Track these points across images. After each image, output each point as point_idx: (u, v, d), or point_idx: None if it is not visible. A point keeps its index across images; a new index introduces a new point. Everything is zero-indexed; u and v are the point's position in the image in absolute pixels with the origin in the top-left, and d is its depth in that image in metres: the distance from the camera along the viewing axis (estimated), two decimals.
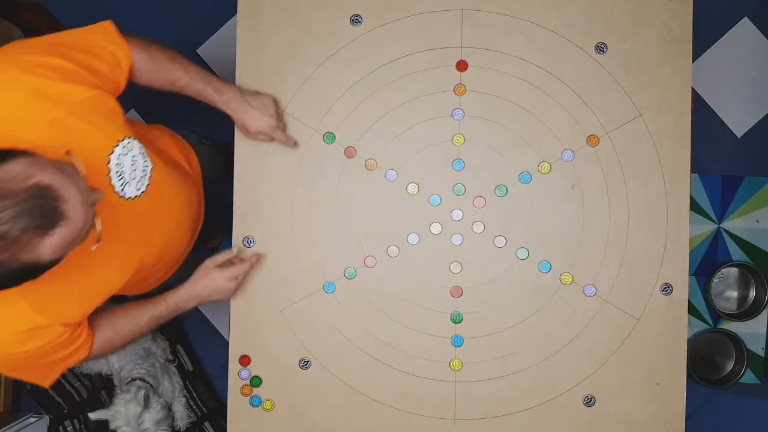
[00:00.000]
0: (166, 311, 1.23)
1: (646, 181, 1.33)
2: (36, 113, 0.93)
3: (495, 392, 1.34)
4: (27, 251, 0.78)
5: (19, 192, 0.77)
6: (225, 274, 1.25)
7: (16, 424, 2.08)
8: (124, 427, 1.81)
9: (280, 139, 1.30)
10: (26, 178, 0.78)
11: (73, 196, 0.81)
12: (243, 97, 1.24)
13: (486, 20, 1.34)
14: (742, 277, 2.12)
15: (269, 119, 1.27)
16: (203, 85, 1.20)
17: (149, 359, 1.99)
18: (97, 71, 1.02)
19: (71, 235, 0.82)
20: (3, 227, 0.76)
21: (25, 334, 0.97)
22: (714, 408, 2.12)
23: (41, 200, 0.78)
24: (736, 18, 2.13)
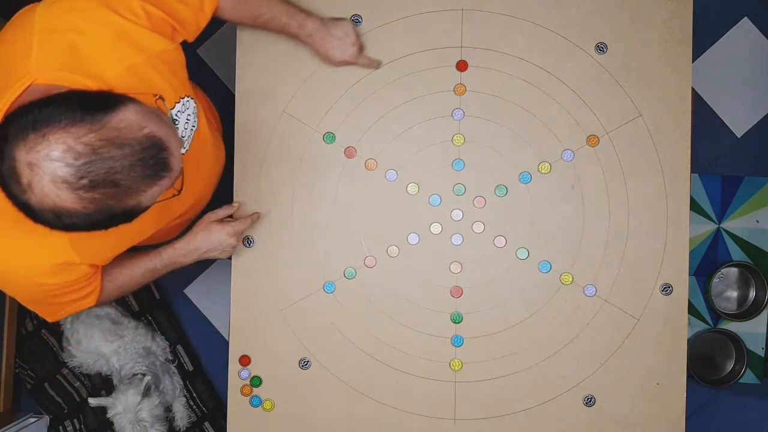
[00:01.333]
0: (161, 264, 1.21)
1: (646, 181, 1.33)
2: (118, 56, 0.94)
3: (495, 392, 1.34)
4: (132, 198, 0.81)
5: (135, 142, 0.79)
6: (226, 229, 1.23)
7: (16, 424, 2.08)
8: (122, 414, 1.82)
9: (364, 63, 1.32)
10: (140, 128, 0.80)
11: (175, 148, 0.84)
12: (325, 29, 1.26)
13: (486, 20, 1.34)
14: (742, 277, 2.12)
15: (352, 47, 1.29)
16: (287, 20, 1.23)
17: (149, 358, 1.99)
18: (180, 17, 1.04)
19: (170, 184, 0.85)
20: (119, 175, 0.78)
21: (57, 267, 0.98)
22: (714, 408, 2.12)
23: (154, 151, 0.80)
24: (736, 18, 2.13)
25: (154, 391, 1.88)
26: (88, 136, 0.76)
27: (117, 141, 0.77)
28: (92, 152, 0.76)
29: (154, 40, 0.99)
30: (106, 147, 0.77)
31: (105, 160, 0.77)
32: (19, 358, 2.16)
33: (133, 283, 1.21)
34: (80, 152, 0.76)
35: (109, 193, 0.78)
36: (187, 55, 1.21)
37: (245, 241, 1.34)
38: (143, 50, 0.97)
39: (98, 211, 0.79)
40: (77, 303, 1.11)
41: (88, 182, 0.76)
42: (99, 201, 0.78)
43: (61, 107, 0.77)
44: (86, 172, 0.76)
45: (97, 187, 0.77)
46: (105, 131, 0.77)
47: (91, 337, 1.95)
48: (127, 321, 2.03)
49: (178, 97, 1.04)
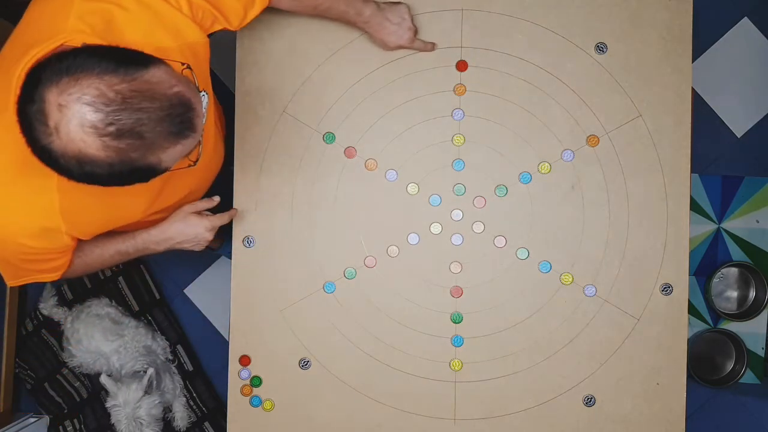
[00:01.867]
0: (133, 248, 1.19)
1: (646, 181, 1.33)
2: (152, 38, 0.95)
3: (495, 392, 1.34)
4: (155, 154, 0.81)
5: (165, 97, 0.79)
6: (204, 222, 1.19)
7: (16, 424, 2.08)
8: (120, 407, 1.82)
9: (419, 47, 1.32)
10: (171, 86, 0.80)
11: (200, 111, 0.85)
12: (382, 14, 1.27)
13: (486, 20, 1.34)
14: (742, 277, 2.12)
15: (408, 32, 1.29)
16: (345, 7, 1.24)
17: (149, 357, 1.99)
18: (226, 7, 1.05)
19: (192, 147, 0.85)
20: (146, 127, 0.78)
21: (43, 231, 0.97)
22: (714, 408, 2.12)
23: (182, 109, 0.81)
24: (736, 18, 2.13)
25: (156, 390, 1.88)
26: (121, 86, 0.77)
27: (148, 94, 0.78)
28: (123, 101, 0.77)
29: (190, 29, 1.00)
30: (137, 98, 0.77)
31: (134, 111, 0.77)
32: (19, 358, 2.16)
33: (101, 262, 1.19)
34: (111, 99, 0.76)
35: (134, 145, 0.78)
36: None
37: (245, 241, 1.34)
38: (177, 37, 0.99)
39: (121, 162, 0.79)
40: (43, 274, 1.09)
41: (115, 130, 0.76)
42: (123, 151, 0.78)
43: (97, 57, 0.78)
44: (115, 119, 0.76)
45: (123, 136, 0.77)
46: (137, 83, 0.78)
47: (91, 337, 1.95)
48: (128, 320, 2.03)
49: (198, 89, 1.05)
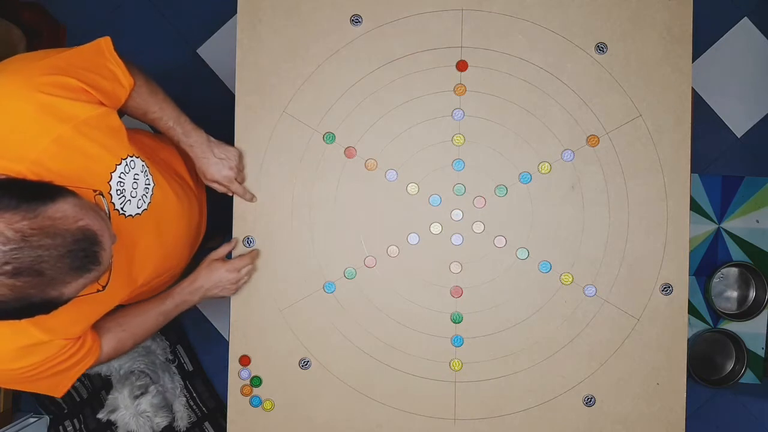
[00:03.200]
0: (172, 305, 1.24)
1: (646, 181, 1.33)
2: (42, 130, 0.92)
3: (495, 392, 1.34)
4: (56, 289, 0.79)
5: (68, 233, 0.78)
6: (226, 266, 1.27)
7: (16, 424, 2.09)
8: (123, 411, 1.83)
9: (237, 191, 1.31)
10: (76, 220, 0.79)
11: (107, 243, 0.83)
12: (208, 145, 1.25)
13: (486, 20, 1.34)
14: (742, 277, 2.12)
15: (228, 171, 1.27)
16: (173, 124, 1.20)
17: (149, 356, 1.99)
18: (101, 88, 1.02)
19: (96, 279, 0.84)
20: (45, 265, 0.76)
21: (24, 350, 0.96)
22: (714, 408, 2.12)
23: (85, 244, 0.80)
24: (736, 18, 2.13)
25: (151, 386, 1.89)
26: (21, 223, 0.75)
27: (50, 230, 0.77)
28: (22, 239, 0.75)
29: (78, 107, 0.96)
30: (37, 235, 0.76)
31: (34, 248, 0.75)
32: None
33: (146, 329, 1.22)
34: (9, 238, 0.74)
35: (32, 282, 0.76)
36: (188, 56, 1.21)
37: (245, 241, 1.34)
38: (69, 119, 0.95)
39: (15, 299, 0.77)
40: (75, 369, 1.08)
41: (11, 269, 0.75)
42: (19, 289, 0.76)
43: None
44: (11, 258, 0.74)
45: (21, 274, 0.75)
46: (39, 220, 0.76)
47: None
48: None
49: (118, 158, 1.02)
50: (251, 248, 1.34)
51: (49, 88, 0.94)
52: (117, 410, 1.84)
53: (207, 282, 1.26)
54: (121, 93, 1.08)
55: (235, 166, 1.29)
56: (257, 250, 1.33)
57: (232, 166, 1.28)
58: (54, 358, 1.01)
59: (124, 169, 1.03)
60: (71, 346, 1.03)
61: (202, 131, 1.26)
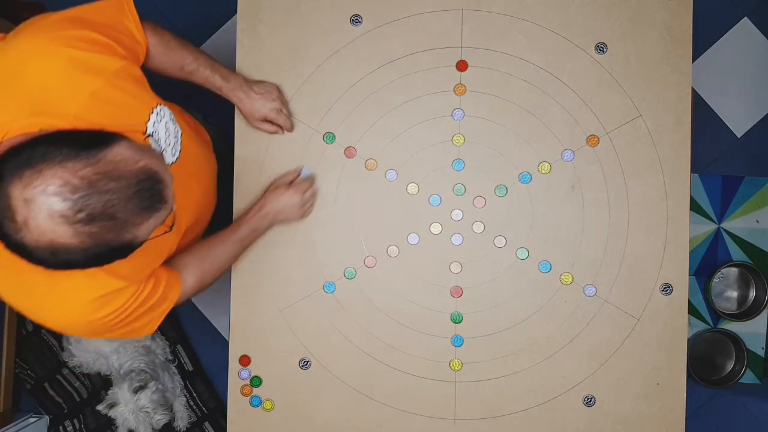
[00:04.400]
0: (247, 231, 1.26)
1: (646, 181, 1.33)
2: (78, 86, 0.93)
3: (495, 392, 1.34)
4: (129, 232, 0.80)
5: (131, 174, 0.79)
6: (291, 189, 1.29)
7: (16, 424, 2.09)
8: (123, 407, 1.82)
9: (285, 124, 1.33)
10: (136, 161, 0.80)
11: (169, 181, 0.84)
12: (248, 85, 1.29)
13: (486, 20, 1.34)
14: (742, 277, 2.12)
15: (273, 102, 1.30)
16: (210, 72, 1.23)
17: (149, 356, 1.99)
18: (121, 42, 1.03)
19: (165, 217, 0.85)
20: (116, 208, 0.77)
21: (101, 299, 0.97)
22: (714, 408, 2.12)
23: (150, 183, 0.81)
24: (736, 18, 2.13)
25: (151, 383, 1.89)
26: (85, 170, 0.76)
27: (113, 174, 0.77)
28: (89, 185, 0.76)
29: (107, 60, 0.97)
30: (102, 180, 0.76)
31: (102, 193, 0.76)
32: (19, 358, 2.17)
33: (227, 257, 1.24)
34: (77, 186, 0.75)
35: (107, 227, 0.78)
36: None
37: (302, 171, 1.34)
38: (100, 72, 0.96)
39: (96, 245, 0.78)
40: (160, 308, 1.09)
41: (85, 216, 0.76)
42: (97, 235, 0.77)
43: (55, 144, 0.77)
44: (83, 205, 0.75)
45: (95, 220, 0.76)
46: (101, 165, 0.77)
47: None
48: None
49: (149, 108, 1.03)
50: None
51: (76, 42, 0.95)
52: (116, 405, 1.83)
53: (274, 206, 1.28)
54: (138, 50, 1.09)
55: (278, 97, 1.32)
56: (314, 175, 1.35)
57: (275, 97, 1.31)
58: (131, 303, 1.02)
59: (156, 117, 1.04)
60: (143, 288, 1.04)
61: (239, 74, 1.29)
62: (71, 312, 0.97)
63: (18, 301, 0.96)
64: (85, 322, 0.98)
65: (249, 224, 1.26)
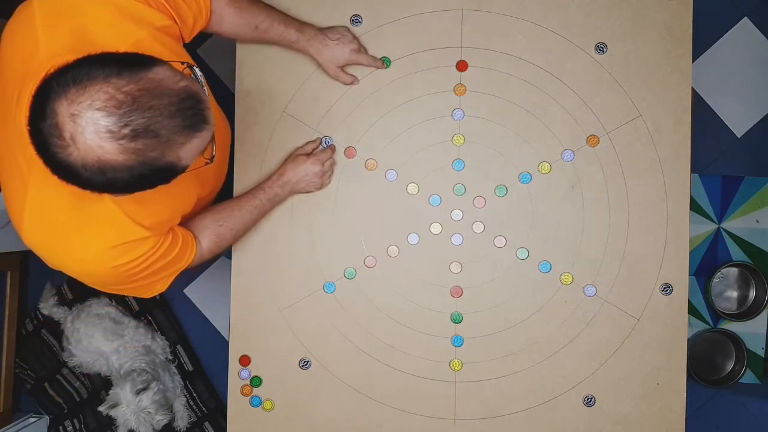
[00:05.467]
0: (265, 198, 1.27)
1: (646, 181, 1.33)
2: (123, 33, 0.95)
3: (495, 392, 1.34)
4: (173, 151, 0.81)
5: (173, 92, 0.80)
6: (311, 159, 1.29)
7: (16, 424, 2.09)
8: (124, 407, 1.82)
9: (366, 61, 1.33)
10: (177, 81, 0.81)
11: (209, 104, 0.85)
12: (322, 33, 1.29)
13: (486, 20, 1.34)
14: (742, 277, 2.12)
15: (351, 44, 1.30)
16: (285, 27, 1.25)
17: (149, 356, 1.99)
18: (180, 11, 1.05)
19: (207, 140, 0.85)
20: (159, 124, 0.78)
21: (125, 246, 0.98)
22: (714, 408, 2.12)
23: (192, 102, 0.81)
24: (736, 18, 2.13)
25: (152, 383, 1.89)
26: (128, 86, 0.77)
27: (156, 91, 0.78)
28: (133, 101, 0.77)
29: (154, 15, 1.00)
30: (146, 96, 0.77)
31: (146, 109, 0.77)
32: (19, 358, 2.17)
33: (244, 222, 1.25)
34: (121, 101, 0.76)
35: (151, 144, 0.78)
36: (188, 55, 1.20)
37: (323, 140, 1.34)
38: (146, 25, 0.98)
39: (141, 164, 0.79)
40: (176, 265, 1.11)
41: (130, 131, 0.76)
42: (141, 152, 0.78)
43: (99, 64, 0.78)
44: (129, 120, 0.76)
45: (139, 136, 0.77)
46: (144, 82, 0.78)
47: (91, 336, 1.95)
48: (128, 320, 2.03)
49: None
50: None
51: None
52: (118, 406, 1.83)
53: (294, 175, 1.29)
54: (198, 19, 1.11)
55: (353, 38, 1.31)
56: (335, 145, 1.34)
57: (351, 39, 1.30)
58: (152, 254, 1.03)
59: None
60: (163, 240, 1.05)
61: (310, 24, 1.29)
62: (95, 255, 0.97)
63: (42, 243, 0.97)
64: (107, 268, 0.99)
65: (268, 192, 1.27)
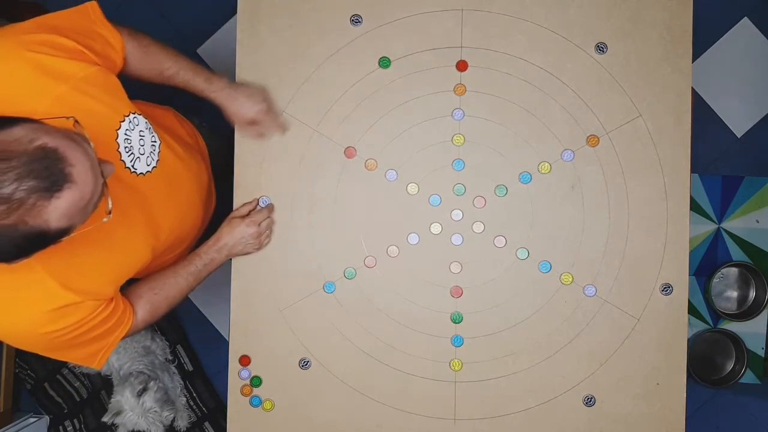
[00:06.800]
0: (201, 264, 1.25)
1: (646, 181, 1.33)
2: (41, 90, 0.92)
3: (495, 392, 1.34)
4: (34, 216, 0.76)
5: (24, 153, 0.74)
6: (245, 221, 1.29)
7: (16, 424, 2.09)
8: (130, 413, 1.83)
9: (272, 125, 1.31)
10: (31, 141, 0.76)
11: (79, 161, 0.79)
12: (232, 87, 1.26)
13: (486, 20, 1.34)
14: (742, 277, 2.12)
15: (260, 105, 1.28)
16: (192, 75, 1.21)
17: (148, 356, 1.99)
18: (93, 49, 1.02)
19: (79, 200, 0.79)
20: (6, 189, 0.73)
21: (55, 312, 0.96)
22: (714, 408, 2.12)
23: (46, 162, 0.76)
24: (736, 18, 2.13)
25: (151, 384, 1.89)
26: None
27: (3, 155, 0.74)
28: None
29: (74, 66, 0.96)
30: None
31: None
32: (19, 358, 2.17)
33: (180, 289, 1.22)
34: None
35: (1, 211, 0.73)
36: (188, 56, 1.21)
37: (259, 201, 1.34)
38: (66, 77, 0.95)
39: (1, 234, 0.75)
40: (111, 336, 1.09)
41: None
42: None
43: None
44: None
45: None
46: None
47: None
48: None
49: (121, 115, 1.03)
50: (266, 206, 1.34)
51: (40, 47, 0.94)
52: (122, 413, 1.83)
53: (230, 239, 1.28)
54: (114, 56, 1.08)
55: (264, 100, 1.29)
56: (272, 205, 1.34)
57: (260, 101, 1.29)
58: (87, 321, 1.01)
59: (128, 126, 1.03)
60: (104, 308, 1.03)
61: (223, 75, 1.26)
62: (25, 321, 0.95)
63: None
64: (38, 333, 0.97)
65: (204, 257, 1.25)
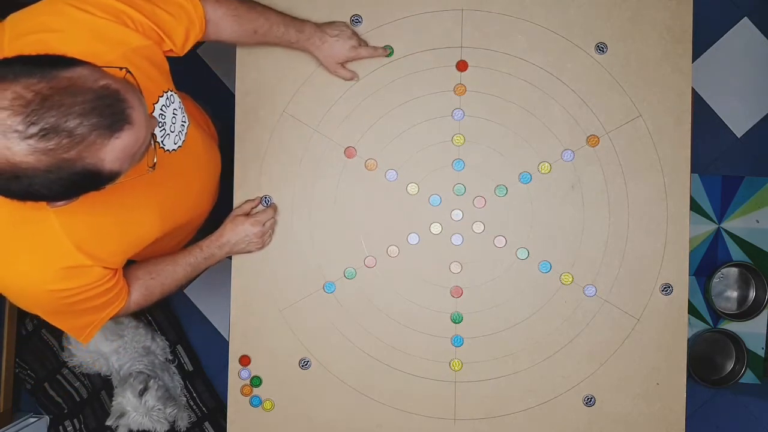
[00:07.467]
0: (201, 257, 1.26)
1: (646, 181, 1.33)
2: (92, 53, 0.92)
3: (495, 392, 1.34)
4: (92, 152, 0.76)
5: (89, 90, 0.76)
6: (249, 220, 1.29)
7: (16, 424, 2.09)
8: (133, 413, 1.83)
9: (367, 54, 1.32)
10: (96, 80, 0.77)
11: (137, 104, 0.80)
12: (321, 30, 1.28)
13: (486, 20, 1.34)
14: (742, 277, 2.12)
15: (350, 40, 1.29)
16: (284, 29, 1.24)
17: (148, 356, 1.99)
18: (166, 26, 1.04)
19: (134, 143, 0.80)
20: (71, 123, 0.74)
21: (66, 270, 0.96)
22: (714, 408, 2.12)
23: (110, 100, 0.77)
24: (736, 18, 2.13)
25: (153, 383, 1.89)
26: (39, 85, 0.73)
27: (69, 89, 0.74)
28: (43, 99, 0.73)
29: (131, 35, 0.98)
30: (56, 95, 0.74)
31: (56, 107, 0.73)
32: (19, 358, 2.17)
33: (176, 278, 1.23)
34: (29, 99, 0.73)
35: (64, 145, 0.74)
36: (188, 55, 1.21)
37: (263, 200, 1.34)
38: (119, 46, 0.96)
39: (56, 166, 0.75)
40: (106, 309, 1.09)
41: (38, 129, 0.72)
42: (53, 153, 0.74)
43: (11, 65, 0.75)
44: (36, 119, 0.72)
45: (49, 135, 0.73)
46: (56, 81, 0.74)
47: None
48: (128, 321, 2.03)
49: (160, 90, 1.04)
50: (269, 205, 1.35)
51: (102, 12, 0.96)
52: (126, 414, 1.83)
53: (233, 236, 1.28)
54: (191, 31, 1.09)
55: (352, 34, 1.30)
56: (275, 204, 1.34)
57: (350, 35, 1.30)
58: (91, 288, 1.01)
59: (165, 102, 1.04)
60: (109, 278, 1.04)
61: (309, 21, 1.28)
62: (36, 273, 0.95)
63: None
64: (44, 290, 0.97)
65: (205, 251, 1.26)
